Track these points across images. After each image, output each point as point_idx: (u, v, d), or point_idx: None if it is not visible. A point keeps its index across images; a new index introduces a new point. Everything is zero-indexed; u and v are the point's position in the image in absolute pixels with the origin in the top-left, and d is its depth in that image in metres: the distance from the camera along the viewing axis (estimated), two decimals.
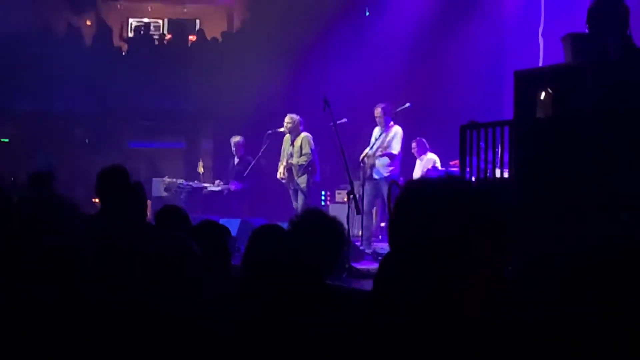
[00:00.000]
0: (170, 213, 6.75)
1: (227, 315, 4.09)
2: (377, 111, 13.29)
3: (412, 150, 15.16)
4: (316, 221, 4.39)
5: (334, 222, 4.41)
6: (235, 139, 15.57)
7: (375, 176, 12.93)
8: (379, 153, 13.04)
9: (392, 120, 13.25)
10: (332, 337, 3.75)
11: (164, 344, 3.95)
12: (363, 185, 12.76)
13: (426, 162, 14.97)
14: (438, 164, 14.85)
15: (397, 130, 13.15)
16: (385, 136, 13.16)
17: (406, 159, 15.23)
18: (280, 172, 13.71)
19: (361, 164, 12.87)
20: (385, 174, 12.87)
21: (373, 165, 12.72)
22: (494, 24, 16.36)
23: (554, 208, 6.30)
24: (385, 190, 12.67)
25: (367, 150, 13.10)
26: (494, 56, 16.13)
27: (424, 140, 15.14)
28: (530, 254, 3.20)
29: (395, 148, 13.02)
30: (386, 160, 12.96)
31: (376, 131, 13.36)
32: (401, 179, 14.00)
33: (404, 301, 2.79)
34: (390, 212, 10.34)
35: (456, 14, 16.66)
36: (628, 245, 3.03)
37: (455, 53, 16.43)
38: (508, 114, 7.42)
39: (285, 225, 4.87)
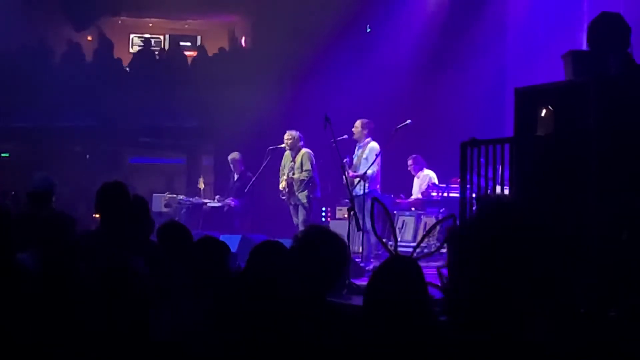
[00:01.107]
0: (172, 229, 6.74)
1: (227, 332, 4.07)
2: (357, 124, 13.23)
3: (409, 168, 15.13)
4: (321, 238, 4.37)
5: (338, 239, 4.39)
6: (233, 155, 15.57)
7: (355, 193, 12.58)
8: (347, 174, 12.84)
9: (372, 135, 13.21)
10: (332, 353, 3.74)
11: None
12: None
13: (423, 179, 14.97)
14: (435, 180, 14.84)
15: (372, 147, 13.06)
16: (362, 152, 13.14)
17: (404, 176, 15.23)
18: (283, 185, 13.68)
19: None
20: (364, 191, 12.71)
21: (353, 183, 12.54)
22: (495, 40, 16.37)
23: (555, 225, 6.27)
24: (363, 206, 12.60)
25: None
26: (495, 73, 16.13)
27: (420, 157, 15.11)
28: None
29: (368, 165, 12.76)
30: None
31: (356, 148, 13.35)
32: (392, 195, 13.96)
33: (397, 312, 2.77)
34: (373, 228, 10.30)
35: (457, 30, 16.67)
36: None
37: (457, 69, 16.45)
38: (509, 131, 7.40)
39: (285, 242, 4.86)
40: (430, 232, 10.25)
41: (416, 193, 15.05)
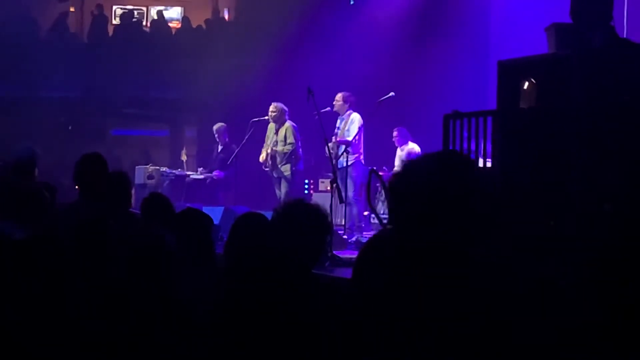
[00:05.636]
0: (155, 201, 6.75)
1: (210, 303, 4.08)
2: (337, 97, 13.21)
3: (393, 139, 15.11)
4: (300, 210, 4.37)
5: (318, 211, 4.39)
6: (218, 126, 15.53)
7: (339, 165, 12.61)
8: (334, 141, 12.88)
9: (353, 108, 13.20)
10: (315, 323, 3.76)
11: (146, 334, 3.94)
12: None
13: (407, 152, 14.96)
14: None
15: (354, 117, 13.07)
16: (344, 124, 13.13)
17: (386, 148, 15.22)
18: (263, 157, 13.67)
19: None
20: (348, 163, 12.73)
21: (337, 155, 12.56)
22: (479, 12, 16.35)
23: (536, 198, 6.30)
24: (348, 178, 12.61)
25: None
26: (478, 45, 16.12)
27: (405, 129, 15.10)
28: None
29: (351, 134, 12.86)
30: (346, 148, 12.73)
31: (338, 121, 13.36)
32: (374, 168, 13.92)
33: (387, 289, 2.78)
34: (368, 200, 10.36)
35: (441, 2, 16.65)
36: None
37: (440, 42, 16.41)
38: (492, 103, 7.41)
39: (268, 214, 4.86)
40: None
41: (398, 166, 15.04)
